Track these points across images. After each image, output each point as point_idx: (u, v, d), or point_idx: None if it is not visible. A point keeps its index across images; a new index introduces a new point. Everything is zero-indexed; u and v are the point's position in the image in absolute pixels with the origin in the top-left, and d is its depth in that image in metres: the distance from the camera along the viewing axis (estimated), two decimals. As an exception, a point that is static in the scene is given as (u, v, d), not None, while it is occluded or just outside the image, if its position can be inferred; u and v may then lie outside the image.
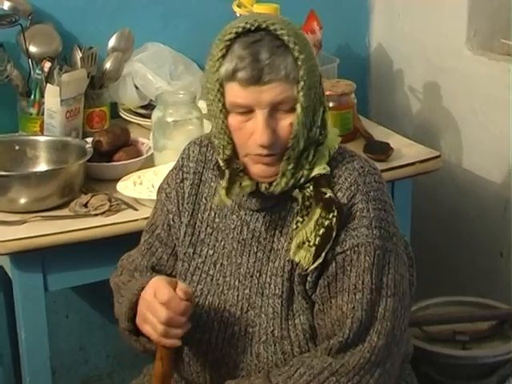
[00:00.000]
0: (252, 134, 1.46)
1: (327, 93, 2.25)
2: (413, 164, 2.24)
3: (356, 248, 1.47)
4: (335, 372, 1.45)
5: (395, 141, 2.33)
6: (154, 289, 1.48)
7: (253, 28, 1.42)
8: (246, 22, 1.43)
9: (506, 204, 2.46)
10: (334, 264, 1.48)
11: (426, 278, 2.56)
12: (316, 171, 1.49)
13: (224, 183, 1.50)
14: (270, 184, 1.49)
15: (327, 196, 1.47)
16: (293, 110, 1.45)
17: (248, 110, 1.45)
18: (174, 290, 1.46)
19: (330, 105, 2.28)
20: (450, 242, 2.65)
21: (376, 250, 1.47)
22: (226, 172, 1.50)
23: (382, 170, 2.12)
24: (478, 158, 2.53)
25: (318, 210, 1.46)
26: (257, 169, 1.49)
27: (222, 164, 1.52)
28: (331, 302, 1.48)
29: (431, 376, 2.16)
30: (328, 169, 1.50)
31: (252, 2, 2.30)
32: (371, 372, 1.46)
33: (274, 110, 1.44)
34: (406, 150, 2.29)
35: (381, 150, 2.25)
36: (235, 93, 1.44)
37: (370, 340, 1.45)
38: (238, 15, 2.29)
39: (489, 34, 2.49)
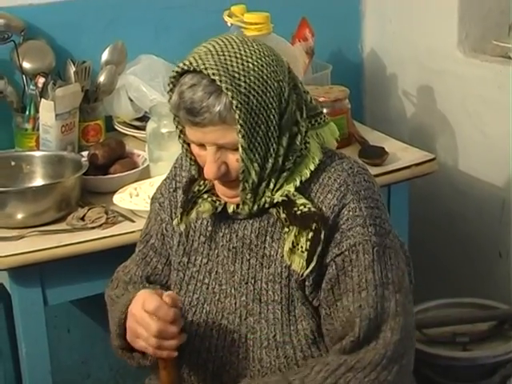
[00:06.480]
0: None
1: (321, 99, 2.26)
2: (408, 167, 2.24)
3: (354, 247, 1.47)
4: (351, 368, 1.44)
5: (390, 145, 2.33)
6: (140, 301, 1.48)
7: (191, 69, 1.41)
8: (184, 64, 1.42)
9: (504, 204, 2.47)
10: (334, 266, 1.48)
11: (425, 280, 2.57)
12: (277, 196, 1.49)
13: (179, 209, 1.55)
14: (238, 205, 1.51)
15: (299, 213, 1.47)
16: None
17: (201, 144, 1.47)
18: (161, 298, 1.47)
19: (324, 111, 2.27)
20: (449, 244, 2.65)
21: (374, 247, 1.47)
22: (183, 197, 1.55)
23: (378, 175, 2.14)
24: (474, 160, 2.53)
25: (296, 229, 1.47)
26: (219, 188, 1.52)
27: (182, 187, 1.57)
28: (337, 305, 1.48)
29: (432, 378, 2.16)
30: (292, 190, 1.48)
31: (243, 12, 2.30)
32: (389, 368, 1.44)
33: (222, 146, 1.46)
34: (402, 154, 2.30)
35: (376, 155, 2.25)
36: (185, 128, 1.48)
37: (384, 336, 1.44)
38: (229, 25, 2.30)
39: (480, 36, 2.50)
